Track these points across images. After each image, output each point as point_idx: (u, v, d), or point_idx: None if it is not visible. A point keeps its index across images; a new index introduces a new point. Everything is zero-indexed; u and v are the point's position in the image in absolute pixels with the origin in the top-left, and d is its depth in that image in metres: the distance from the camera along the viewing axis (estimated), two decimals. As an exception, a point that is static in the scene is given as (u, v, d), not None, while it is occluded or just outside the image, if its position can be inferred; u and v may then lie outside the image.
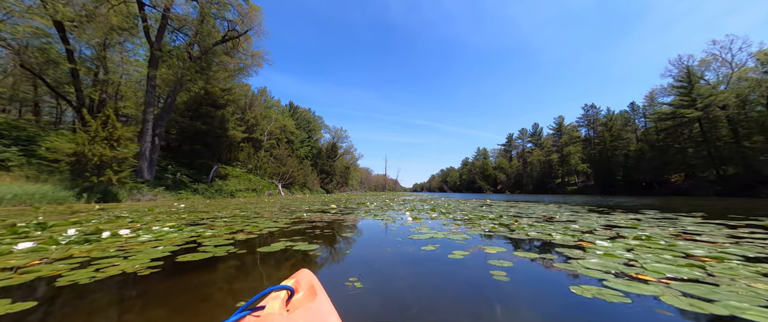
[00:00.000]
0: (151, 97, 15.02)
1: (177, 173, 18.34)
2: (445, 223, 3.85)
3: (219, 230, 3.08)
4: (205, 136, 21.65)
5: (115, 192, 11.33)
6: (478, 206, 8.39)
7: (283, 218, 4.39)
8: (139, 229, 3.02)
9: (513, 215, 5.01)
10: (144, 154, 14.85)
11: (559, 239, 2.58)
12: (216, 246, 2.22)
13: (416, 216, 4.71)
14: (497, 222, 3.91)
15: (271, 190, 27.67)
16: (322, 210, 6.35)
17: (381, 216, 4.87)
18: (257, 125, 36.96)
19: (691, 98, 30.70)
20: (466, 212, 5.89)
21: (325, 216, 4.82)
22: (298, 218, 4.38)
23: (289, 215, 5.06)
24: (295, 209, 6.76)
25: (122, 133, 11.12)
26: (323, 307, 0.73)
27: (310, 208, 7.13)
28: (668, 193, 35.22)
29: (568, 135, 58.02)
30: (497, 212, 5.96)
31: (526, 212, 5.98)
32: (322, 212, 5.67)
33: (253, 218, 4.40)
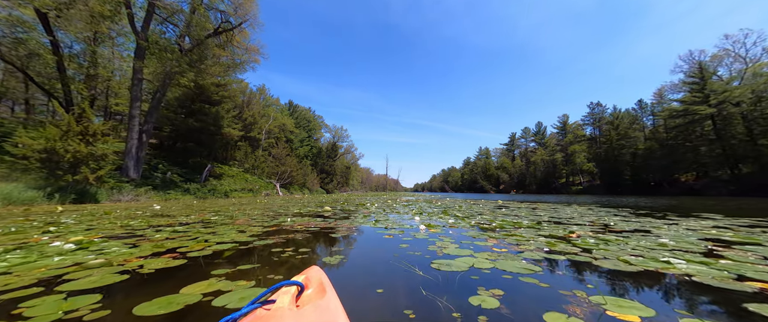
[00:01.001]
0: (138, 92, 14.07)
1: (167, 172, 17.41)
2: (472, 233, 2.86)
3: (141, 248, 2.09)
4: (199, 133, 20.71)
5: (94, 192, 10.40)
6: (495, 207, 7.38)
7: (258, 226, 3.41)
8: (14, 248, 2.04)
9: (552, 221, 4.01)
10: (130, 152, 13.92)
11: (701, 273, 1.51)
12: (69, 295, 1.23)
13: (429, 223, 3.72)
14: (542, 232, 2.92)
15: (268, 190, 26.74)
16: (314, 213, 5.37)
17: (383, 222, 3.88)
18: (255, 124, 36.07)
19: (704, 94, 29.56)
20: (486, 215, 4.90)
21: (313, 222, 3.84)
22: (276, 226, 3.39)
23: (270, 220, 4.08)
24: (283, 212, 5.78)
25: (99, 128, 10.16)
26: (331, 304, 0.73)
27: (300, 210, 6.14)
28: (678, 192, 34.19)
29: (573, 134, 56.90)
30: (522, 215, 4.97)
31: (560, 215, 4.98)
32: (312, 217, 4.68)
33: (219, 225, 3.43)
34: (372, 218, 4.34)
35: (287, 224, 3.61)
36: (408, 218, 4.55)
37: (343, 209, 6.52)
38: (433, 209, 6.83)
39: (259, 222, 3.81)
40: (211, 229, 3.04)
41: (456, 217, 4.56)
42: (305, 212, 5.64)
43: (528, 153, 73.65)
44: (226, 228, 3.18)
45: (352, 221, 3.93)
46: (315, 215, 4.98)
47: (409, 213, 5.47)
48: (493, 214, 5.27)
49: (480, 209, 6.55)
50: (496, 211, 6.06)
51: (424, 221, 3.90)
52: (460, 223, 3.73)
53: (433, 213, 5.44)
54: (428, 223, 3.59)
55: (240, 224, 3.55)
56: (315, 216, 4.82)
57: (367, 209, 6.54)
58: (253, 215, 5.04)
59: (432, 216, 4.77)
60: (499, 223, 3.69)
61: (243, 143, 31.36)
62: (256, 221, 4.00)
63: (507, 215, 4.95)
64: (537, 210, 6.29)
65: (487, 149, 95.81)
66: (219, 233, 2.82)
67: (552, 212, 5.82)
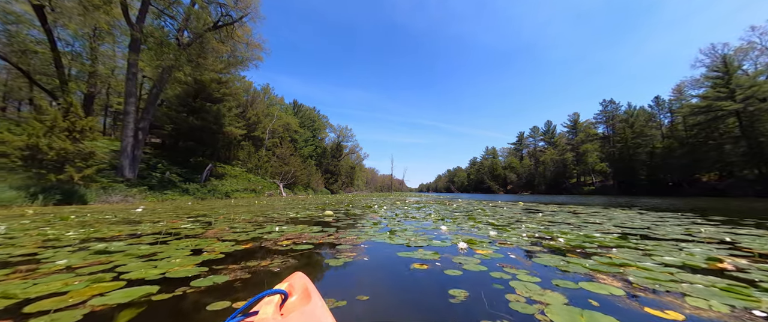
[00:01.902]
0: (132, 87, 13.39)
1: (166, 171, 16.74)
2: (548, 259, 1.88)
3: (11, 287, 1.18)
4: (200, 132, 20.05)
5: (82, 193, 9.67)
6: (524, 211, 6.35)
7: (230, 240, 2.49)
8: None
9: (632, 233, 2.99)
10: (125, 151, 13.24)
11: None
12: None
13: (468, 238, 2.74)
14: (652, 253, 1.93)
15: (271, 190, 26.04)
16: (313, 219, 4.44)
17: (401, 234, 2.93)
18: (259, 123, 35.51)
19: (729, 89, 27.86)
20: (529, 223, 3.90)
21: (307, 233, 2.90)
22: (253, 242, 2.46)
23: (253, 230, 3.16)
24: (277, 216, 4.87)
25: (87, 124, 9.43)
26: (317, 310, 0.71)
27: (297, 214, 5.23)
28: (699, 193, 32.55)
29: (585, 132, 55.08)
30: (575, 222, 3.97)
31: (620, 221, 3.97)
32: (308, 224, 3.75)
33: (181, 239, 2.53)
34: (384, 227, 3.39)
35: (271, 237, 2.68)
36: (430, 226, 3.58)
37: (347, 213, 5.58)
38: (452, 212, 5.85)
39: (237, 233, 2.90)
40: (158, 249, 2.13)
41: (492, 225, 3.59)
42: (303, 217, 4.73)
43: (537, 152, 71.87)
44: (184, 244, 2.27)
45: (360, 232, 2.99)
46: (313, 222, 4.05)
47: (427, 218, 4.51)
48: (536, 220, 4.27)
49: (509, 213, 5.55)
50: (533, 216, 5.05)
51: (454, 232, 2.94)
52: (506, 235, 2.75)
53: (457, 219, 4.46)
54: (469, 240, 2.61)
55: (209, 237, 2.64)
56: (313, 223, 3.90)
57: (375, 213, 5.60)
58: (238, 220, 4.14)
59: (459, 223, 3.80)
60: (566, 237, 2.70)
61: (246, 143, 30.77)
62: (236, 230, 3.09)
63: (556, 222, 3.95)
64: (580, 214, 5.26)
65: (494, 149, 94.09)
66: (162, 256, 1.91)
67: (599, 216, 4.79)
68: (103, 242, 2.37)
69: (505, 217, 4.82)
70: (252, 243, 2.33)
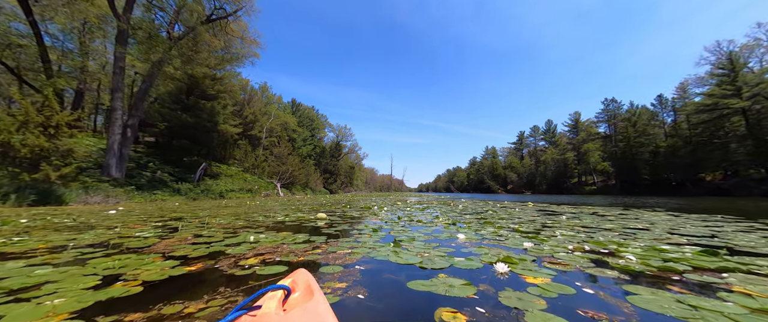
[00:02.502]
0: (119, 81, 12.72)
1: (157, 170, 16.06)
2: (647, 295, 1.23)
3: None
4: (193, 130, 19.37)
5: (60, 193, 9.00)
6: (543, 213, 5.71)
7: (180, 255, 1.84)
8: None
9: (688, 242, 2.35)
10: (112, 149, 12.57)
11: None
12: None
13: (499, 252, 2.09)
14: (756, 284, 1.30)
15: (268, 190, 25.38)
16: (300, 224, 3.79)
17: (407, 243, 2.28)
18: (256, 122, 34.86)
19: (736, 87, 27.31)
20: (562, 229, 3.26)
21: (286, 245, 2.24)
22: (205, 263, 1.80)
23: (222, 239, 2.51)
24: (262, 220, 4.22)
25: (63, 118, 8.76)
26: (319, 307, 0.70)
27: (286, 217, 4.58)
28: (704, 192, 32.01)
29: (586, 132, 54.49)
30: (601, 223, 3.35)
31: (662, 225, 3.33)
32: (293, 231, 3.09)
33: (126, 248, 1.88)
34: (387, 236, 2.74)
35: (238, 250, 2.04)
36: (442, 232, 2.94)
37: (343, 216, 4.94)
38: (461, 214, 5.21)
39: (197, 245, 2.25)
40: (59, 274, 1.48)
41: (518, 232, 2.95)
42: (291, 221, 4.08)
43: (537, 152, 71.33)
44: (105, 266, 1.62)
45: (355, 243, 2.34)
46: (301, 227, 3.41)
47: (436, 222, 3.87)
48: (565, 225, 3.63)
49: (525, 215, 4.92)
50: (556, 218, 4.41)
51: (476, 242, 2.31)
52: (548, 249, 2.11)
53: (471, 223, 3.82)
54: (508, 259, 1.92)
55: (157, 251, 1.99)
56: (300, 229, 3.25)
57: (375, 215, 4.96)
58: (214, 225, 3.49)
59: (477, 230, 3.16)
60: (630, 250, 2.06)
61: (243, 142, 30.09)
62: (198, 241, 2.44)
63: (590, 228, 3.30)
64: (607, 216, 4.62)
65: (494, 149, 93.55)
66: (49, 288, 1.27)
67: (630, 219, 4.16)
68: (2, 260, 1.73)
69: (524, 220, 4.19)
70: (204, 263, 1.68)
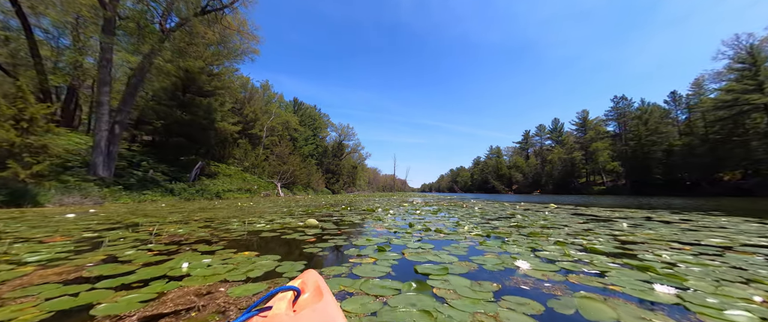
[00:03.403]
0: (106, 74, 11.96)
1: (150, 170, 15.31)
2: None
3: None
4: (189, 127, 18.62)
5: (35, 193, 8.22)
6: (575, 216, 4.74)
7: (38, 299, 0.93)
8: None
9: None
10: (98, 146, 11.81)
11: None
12: None
13: (603, 300, 1.14)
14: None
15: (268, 190, 24.60)
16: (279, 235, 2.88)
17: (439, 282, 1.36)
18: (257, 120, 34.16)
19: (757, 82, 25.96)
20: (638, 242, 2.31)
21: (217, 293, 1.33)
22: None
23: (151, 266, 1.61)
24: (234, 229, 3.31)
25: (38, 111, 7.97)
26: (329, 308, 0.71)
27: (267, 225, 3.67)
28: (722, 192, 30.61)
29: (594, 130, 53.06)
30: (678, 234, 2.39)
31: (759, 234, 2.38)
32: (263, 248, 2.18)
33: None
34: (401, 261, 1.81)
35: (126, 302, 1.14)
36: (486, 255, 2.01)
37: (340, 221, 4.02)
38: (486, 220, 4.26)
39: (95, 276, 1.35)
40: None
41: (603, 254, 2.01)
42: (273, 229, 3.18)
43: (543, 151, 69.96)
44: None
45: (348, 279, 1.42)
46: (275, 242, 2.50)
47: (461, 233, 2.93)
48: (661, 242, 2.67)
49: (564, 220, 3.97)
50: (611, 226, 3.45)
51: (560, 281, 1.39)
52: (697, 300, 1.17)
53: (509, 234, 2.88)
54: (588, 295, 0.97)
55: (19, 287, 1.10)
56: (273, 245, 2.34)
57: (379, 220, 4.04)
58: (165, 236, 2.60)
59: (530, 247, 2.23)
60: None
61: (243, 141, 29.38)
62: (105, 270, 1.55)
63: (672, 241, 2.35)
64: (672, 223, 3.65)
65: (498, 148, 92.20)
66: None
67: (707, 225, 3.21)
68: None
69: (576, 229, 3.23)
70: None
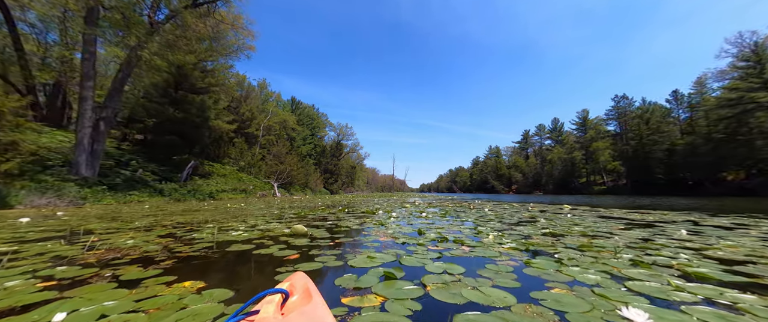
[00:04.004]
0: (90, 68, 11.28)
1: (139, 169, 14.62)
2: None
3: None
4: (181, 125, 17.94)
5: (5, 194, 7.59)
6: (601, 219, 4.13)
7: None
8: None
9: None
10: (81, 144, 11.13)
11: None
12: None
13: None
14: None
15: (265, 190, 23.92)
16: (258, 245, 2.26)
17: None
18: (253, 119, 33.46)
19: (763, 80, 25.55)
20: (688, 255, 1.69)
21: None
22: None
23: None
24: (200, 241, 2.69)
25: (5, 104, 7.29)
26: (318, 310, 0.70)
27: (244, 233, 3.04)
28: (725, 192, 30.19)
29: (595, 130, 52.65)
30: (752, 244, 1.80)
31: None
32: (208, 278, 1.56)
33: None
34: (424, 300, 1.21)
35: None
36: (552, 291, 1.40)
37: (335, 227, 3.40)
38: (507, 225, 3.65)
39: None
40: None
41: (705, 279, 1.41)
42: (248, 239, 2.56)
43: (543, 151, 69.55)
44: None
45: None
46: (240, 264, 1.88)
47: (488, 245, 2.33)
48: (746, 251, 2.07)
49: (592, 223, 3.37)
50: (658, 233, 2.85)
51: None
52: None
53: (552, 246, 2.28)
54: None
55: None
56: (240, 268, 1.73)
57: (381, 225, 3.43)
58: (101, 250, 1.98)
59: (594, 266, 1.62)
60: None
61: (239, 140, 28.68)
62: (10, 292, 0.93)
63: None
64: (721, 226, 3.06)
65: (497, 148, 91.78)
66: None
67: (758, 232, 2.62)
68: None
69: (629, 238, 2.63)
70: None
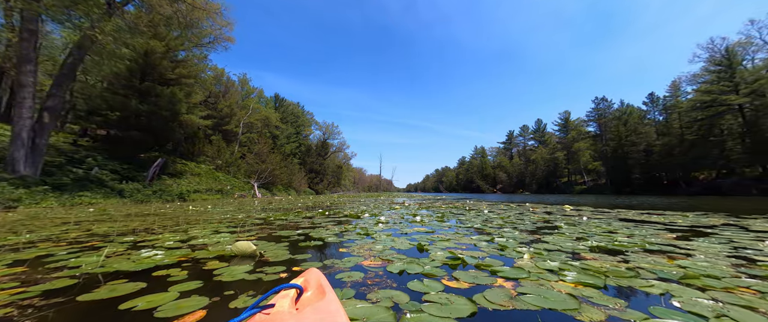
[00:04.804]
0: (30, 50, 9.78)
1: (95, 167, 13.02)
2: None
3: None
4: (148, 119, 16.33)
5: None
6: (623, 222, 3.49)
7: None
8: None
9: None
10: (19, 138, 9.61)
11: None
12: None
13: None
14: None
15: (244, 191, 22.47)
16: (163, 274, 1.37)
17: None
18: (233, 116, 31.68)
19: (734, 83, 26.72)
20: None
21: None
22: None
23: None
24: (79, 265, 1.74)
25: None
26: (331, 306, 0.72)
27: (165, 253, 2.13)
28: (698, 192, 31.43)
29: (576, 131, 54.09)
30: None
31: None
32: None
33: None
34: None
35: None
36: None
37: (303, 240, 2.54)
38: (515, 228, 2.93)
39: None
40: None
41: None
42: (185, 254, 1.68)
43: (527, 151, 70.93)
44: None
45: None
46: (133, 294, 1.01)
47: (533, 268, 1.57)
48: None
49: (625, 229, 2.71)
50: (718, 241, 2.20)
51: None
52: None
53: (627, 276, 1.54)
54: None
55: None
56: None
57: (367, 236, 2.61)
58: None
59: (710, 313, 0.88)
60: None
61: (216, 137, 26.95)
62: None
63: None
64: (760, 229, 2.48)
65: (482, 148, 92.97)
66: None
67: None
68: None
69: (704, 251, 1.94)
70: None
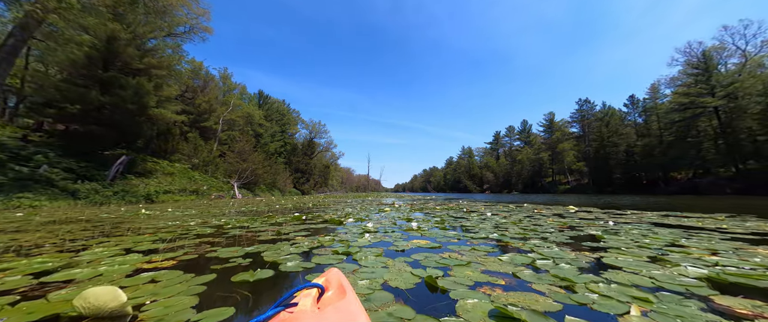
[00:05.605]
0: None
1: (43, 164, 11.50)
2: None
3: None
4: (111, 113, 14.78)
5: None
6: (673, 233, 2.86)
7: None
8: None
9: None
10: (-58, 129, 8.10)
11: None
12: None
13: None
14: None
15: (223, 191, 21.02)
16: None
17: None
18: (212, 112, 29.93)
19: (710, 86, 27.67)
20: None
21: None
22: None
23: None
24: None
25: None
26: (352, 306, 0.72)
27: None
28: (676, 191, 32.32)
29: (560, 132, 55.19)
30: None
31: None
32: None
33: None
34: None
35: None
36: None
37: (248, 265, 1.72)
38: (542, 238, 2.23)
39: None
40: None
41: None
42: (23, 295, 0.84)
43: (513, 152, 71.88)
44: None
45: None
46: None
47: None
48: None
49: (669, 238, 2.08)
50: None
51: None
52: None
53: None
54: None
55: None
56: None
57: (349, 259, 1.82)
58: None
59: None
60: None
61: (193, 134, 25.26)
62: None
63: None
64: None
65: (470, 149, 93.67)
66: None
67: None
68: None
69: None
70: None
